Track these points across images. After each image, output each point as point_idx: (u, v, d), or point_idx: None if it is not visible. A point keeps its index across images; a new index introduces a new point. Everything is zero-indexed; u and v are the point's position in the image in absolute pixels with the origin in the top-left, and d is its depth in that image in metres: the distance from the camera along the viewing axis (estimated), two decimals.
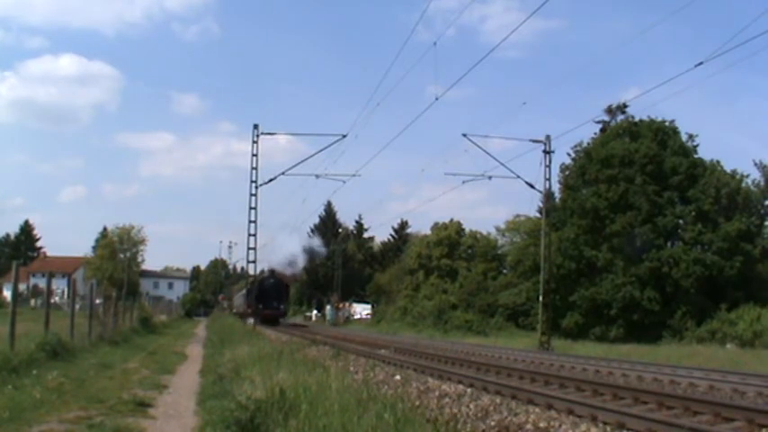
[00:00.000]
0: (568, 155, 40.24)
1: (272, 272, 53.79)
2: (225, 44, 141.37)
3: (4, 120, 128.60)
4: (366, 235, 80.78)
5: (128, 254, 74.21)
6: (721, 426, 7.34)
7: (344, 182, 30.44)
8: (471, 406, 7.58)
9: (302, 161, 44.73)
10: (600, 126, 41.71)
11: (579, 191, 37.66)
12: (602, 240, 35.53)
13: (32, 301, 48.14)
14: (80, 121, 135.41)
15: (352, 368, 11.68)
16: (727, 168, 35.37)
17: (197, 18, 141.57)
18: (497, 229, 58.30)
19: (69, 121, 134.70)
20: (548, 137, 27.52)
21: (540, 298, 28.16)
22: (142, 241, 76.81)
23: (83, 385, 9.31)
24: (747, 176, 35.61)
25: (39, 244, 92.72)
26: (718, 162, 35.72)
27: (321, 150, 29.78)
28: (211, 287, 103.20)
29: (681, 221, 35.28)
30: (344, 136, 27.91)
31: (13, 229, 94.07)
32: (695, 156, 36.27)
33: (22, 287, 38.61)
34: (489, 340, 33.07)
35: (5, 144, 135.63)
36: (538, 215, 39.13)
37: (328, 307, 68.35)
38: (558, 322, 33.98)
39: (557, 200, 39.04)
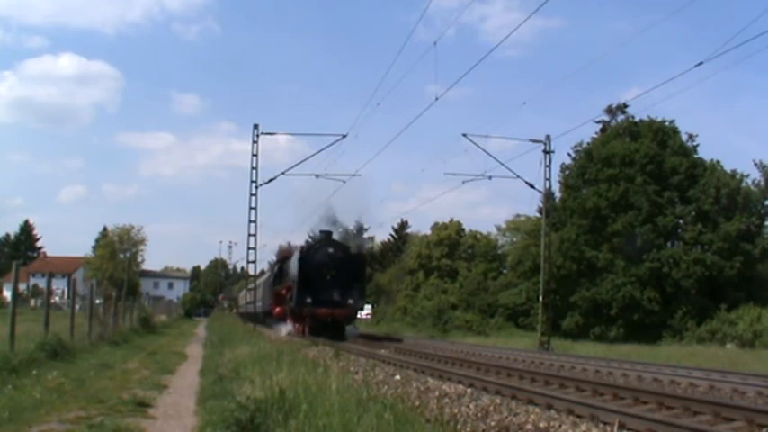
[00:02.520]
0: (569, 155, 40.31)
1: (328, 235, 28.58)
2: (225, 44, 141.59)
3: (3, 120, 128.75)
4: (366, 235, 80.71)
5: (128, 254, 74.11)
6: (721, 426, 7.34)
7: (344, 182, 30.05)
8: (471, 406, 7.58)
9: (302, 161, 44.35)
10: (600, 126, 41.76)
11: (579, 191, 37.67)
12: (603, 240, 35.53)
13: (32, 301, 48.22)
14: (80, 121, 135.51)
15: (352, 368, 11.68)
16: (727, 168, 35.41)
17: (197, 18, 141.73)
18: (498, 228, 58.33)
19: (69, 121, 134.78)
20: (548, 137, 27.54)
21: (540, 298, 28.16)
22: (142, 241, 76.70)
23: (83, 385, 9.31)
24: (747, 176, 35.63)
25: (39, 244, 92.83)
26: (718, 162, 35.75)
27: (321, 150, 29.39)
28: (211, 287, 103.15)
29: (681, 221, 35.29)
30: (344, 136, 27.66)
31: (13, 229, 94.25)
32: (695, 156, 36.28)
33: (22, 287, 38.63)
34: (489, 340, 33.06)
35: (5, 144, 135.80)
36: (538, 215, 39.14)
37: None
38: (558, 322, 33.99)
39: (557, 200, 39.04)
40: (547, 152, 27.46)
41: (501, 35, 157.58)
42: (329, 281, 26.42)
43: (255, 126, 29.55)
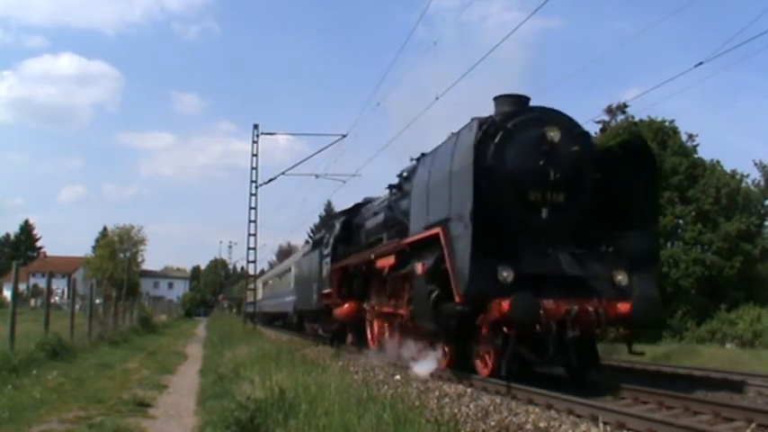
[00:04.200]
0: None
1: (524, 101, 9.87)
2: (225, 44, 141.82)
3: (3, 119, 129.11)
4: None
5: (128, 254, 74.14)
6: (721, 426, 7.34)
7: (344, 182, 29.89)
8: (471, 406, 7.57)
9: (302, 161, 43.85)
10: (600, 126, 41.74)
11: None
12: None
13: (32, 301, 48.22)
14: (80, 121, 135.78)
15: (351, 368, 11.67)
16: (727, 168, 35.35)
17: (197, 18, 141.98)
18: None
19: (69, 120, 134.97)
20: None
21: None
22: (142, 241, 76.81)
23: (83, 385, 9.32)
24: (747, 176, 35.61)
25: (39, 244, 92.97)
26: (718, 162, 35.68)
27: (321, 150, 29.25)
28: (211, 287, 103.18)
29: (681, 221, 35.28)
30: (344, 136, 27.44)
31: (13, 229, 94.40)
32: (695, 156, 36.25)
33: (22, 287, 38.65)
34: None
35: (5, 144, 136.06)
36: None
37: None
38: None
39: None
40: None
41: (501, 35, 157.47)
42: (548, 221, 9.68)
43: (255, 126, 29.49)
